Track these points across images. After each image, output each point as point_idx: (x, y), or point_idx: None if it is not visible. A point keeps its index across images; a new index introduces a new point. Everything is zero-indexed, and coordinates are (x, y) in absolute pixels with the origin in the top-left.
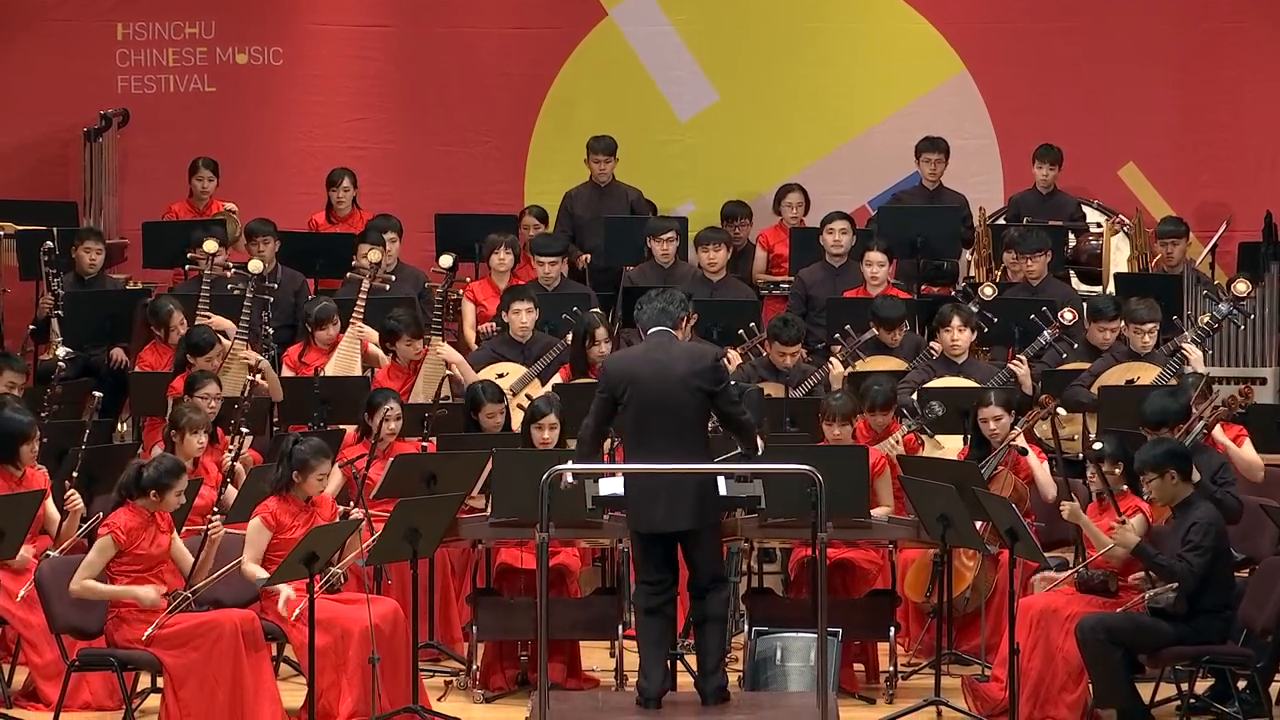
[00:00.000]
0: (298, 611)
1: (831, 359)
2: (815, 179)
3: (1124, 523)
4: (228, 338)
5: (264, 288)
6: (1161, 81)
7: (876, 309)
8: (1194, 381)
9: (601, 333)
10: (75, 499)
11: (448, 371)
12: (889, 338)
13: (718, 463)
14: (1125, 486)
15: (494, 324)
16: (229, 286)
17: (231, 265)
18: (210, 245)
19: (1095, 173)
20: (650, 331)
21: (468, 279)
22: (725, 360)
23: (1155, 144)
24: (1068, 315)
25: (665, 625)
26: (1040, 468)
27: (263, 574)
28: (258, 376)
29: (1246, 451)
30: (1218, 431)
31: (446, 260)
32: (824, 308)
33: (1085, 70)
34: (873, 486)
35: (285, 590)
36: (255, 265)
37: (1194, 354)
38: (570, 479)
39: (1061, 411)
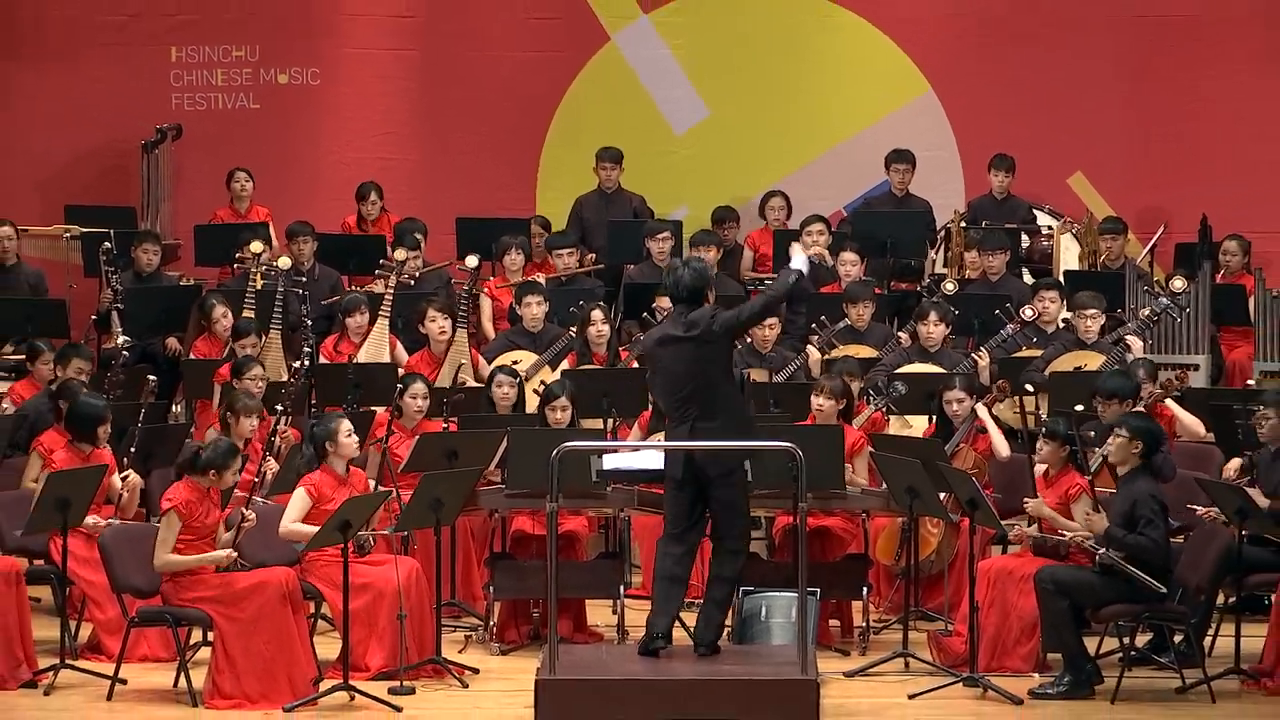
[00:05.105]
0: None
1: (809, 346)
2: (797, 185)
3: (1097, 510)
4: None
5: (295, 281)
6: (1106, 101)
7: (845, 290)
8: (1143, 367)
9: (597, 314)
10: (131, 475)
11: (463, 361)
12: (854, 313)
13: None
14: (1069, 464)
15: None
16: (264, 282)
17: (270, 263)
18: (257, 246)
19: (1046, 181)
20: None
21: (489, 278)
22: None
23: (1100, 155)
24: (1028, 312)
25: (683, 578)
26: (994, 430)
27: (302, 528)
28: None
29: (1187, 416)
30: (1168, 403)
31: (472, 261)
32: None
33: (1038, 90)
34: (851, 463)
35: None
36: (284, 261)
37: (1136, 344)
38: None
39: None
